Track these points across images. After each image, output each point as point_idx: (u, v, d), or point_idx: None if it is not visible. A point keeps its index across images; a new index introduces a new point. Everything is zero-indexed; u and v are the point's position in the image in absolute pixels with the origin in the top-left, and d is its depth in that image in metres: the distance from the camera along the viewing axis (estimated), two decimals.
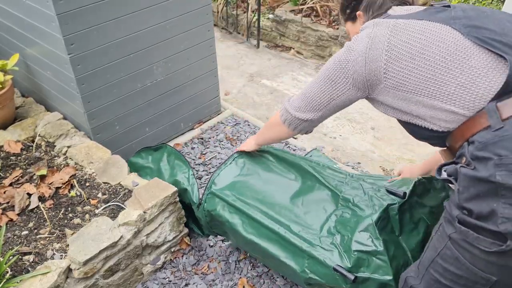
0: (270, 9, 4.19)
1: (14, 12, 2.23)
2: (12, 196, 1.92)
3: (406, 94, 1.15)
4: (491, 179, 0.93)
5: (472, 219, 0.99)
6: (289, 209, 1.68)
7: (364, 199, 1.61)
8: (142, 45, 2.29)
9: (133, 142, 2.53)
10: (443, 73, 1.08)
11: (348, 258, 1.44)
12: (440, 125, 1.13)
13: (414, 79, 1.12)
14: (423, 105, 1.13)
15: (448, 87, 1.07)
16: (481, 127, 1.01)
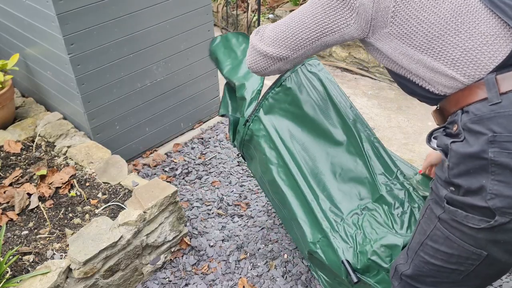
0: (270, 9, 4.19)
1: (14, 12, 2.23)
2: (12, 196, 1.92)
3: (409, 49, 1.06)
4: (483, 155, 0.92)
5: (460, 196, 0.99)
6: (325, 177, 1.56)
7: (404, 214, 1.48)
8: (142, 45, 2.29)
9: (133, 142, 2.53)
10: (452, 34, 1.01)
11: (360, 260, 1.42)
12: (438, 88, 1.07)
13: (421, 34, 1.03)
14: (424, 65, 1.06)
15: (454, 51, 1.01)
16: (478, 98, 0.98)
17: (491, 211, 0.94)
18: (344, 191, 1.55)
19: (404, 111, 3.01)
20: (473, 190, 0.96)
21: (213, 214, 2.24)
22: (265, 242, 2.10)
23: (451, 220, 1.03)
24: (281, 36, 1.20)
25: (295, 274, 1.96)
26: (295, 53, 1.22)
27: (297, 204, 1.56)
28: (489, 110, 0.94)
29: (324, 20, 1.12)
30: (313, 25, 1.14)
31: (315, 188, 1.54)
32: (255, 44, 1.25)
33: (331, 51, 3.77)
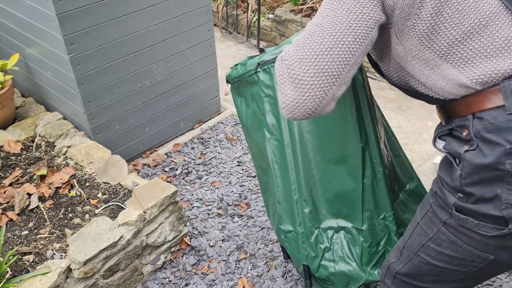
0: (270, 9, 4.19)
1: (14, 12, 2.23)
2: (12, 196, 1.92)
3: (427, 52, 0.97)
4: (499, 167, 0.88)
5: (470, 204, 0.96)
6: (317, 181, 1.47)
7: (376, 254, 1.47)
8: (142, 45, 2.29)
9: (133, 142, 2.53)
10: (474, 38, 0.94)
11: (320, 272, 1.42)
12: (446, 96, 1.01)
13: (442, 35, 0.95)
14: (439, 73, 0.98)
15: (475, 58, 0.94)
16: (493, 105, 0.91)
17: (504, 220, 0.92)
18: (330, 204, 1.49)
19: (404, 111, 3.01)
20: (486, 199, 0.93)
21: (213, 214, 2.24)
22: (265, 242, 2.10)
23: (459, 226, 1.00)
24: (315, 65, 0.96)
25: (295, 274, 1.96)
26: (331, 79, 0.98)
27: (281, 186, 1.49)
28: (507, 119, 0.89)
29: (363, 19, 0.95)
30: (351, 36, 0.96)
31: (303, 185, 1.47)
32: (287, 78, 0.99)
33: None
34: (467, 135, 0.95)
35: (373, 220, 1.49)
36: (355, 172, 1.48)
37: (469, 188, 0.95)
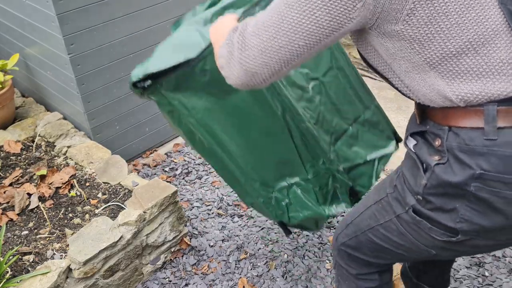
0: None
1: (14, 12, 2.23)
2: (12, 196, 1.92)
3: (416, 56, 0.90)
4: (465, 187, 0.90)
5: (427, 210, 0.98)
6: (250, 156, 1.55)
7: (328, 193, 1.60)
8: (142, 45, 2.29)
9: (133, 142, 2.53)
10: (470, 55, 0.87)
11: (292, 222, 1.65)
12: (426, 103, 0.97)
13: (436, 45, 0.88)
14: (424, 79, 0.93)
15: (466, 74, 0.89)
16: (472, 125, 0.89)
17: (456, 230, 0.95)
18: (274, 171, 1.60)
19: (404, 111, 3.01)
20: (444, 209, 0.95)
21: (213, 214, 2.24)
22: (265, 242, 2.10)
23: (412, 224, 1.04)
24: (271, 45, 0.90)
25: (295, 274, 1.96)
26: (288, 65, 0.93)
27: (227, 177, 1.60)
28: (483, 144, 0.87)
29: (325, 18, 0.86)
30: (313, 26, 0.87)
31: (244, 168, 1.55)
32: (238, 57, 0.93)
33: None
34: (440, 146, 0.93)
35: (315, 167, 1.60)
36: (283, 138, 1.55)
37: (431, 197, 0.96)
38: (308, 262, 2.01)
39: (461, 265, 1.98)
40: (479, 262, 1.99)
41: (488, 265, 1.97)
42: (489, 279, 1.91)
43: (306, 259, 2.02)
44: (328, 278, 1.94)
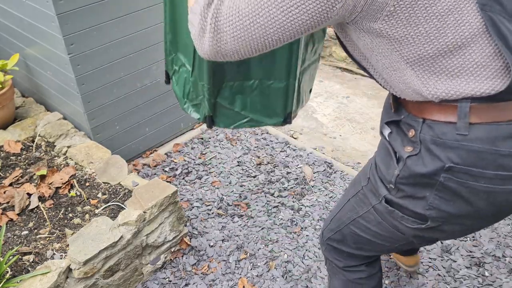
0: None
1: (14, 12, 2.23)
2: (12, 196, 1.92)
3: (394, 53, 0.92)
4: (434, 177, 0.96)
5: (399, 198, 1.05)
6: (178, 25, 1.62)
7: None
8: (142, 45, 2.29)
9: (133, 142, 2.53)
10: (446, 57, 0.90)
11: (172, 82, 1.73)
12: (402, 96, 1.00)
13: (414, 46, 0.89)
14: (400, 76, 0.95)
15: (441, 75, 0.92)
16: (445, 120, 0.93)
17: (425, 217, 1.03)
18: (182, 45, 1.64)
19: None
20: (414, 197, 1.02)
21: (213, 214, 2.24)
22: (265, 242, 2.10)
23: (386, 213, 1.12)
24: (244, 35, 0.88)
25: (295, 274, 1.96)
26: (258, 52, 0.93)
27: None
28: (454, 138, 0.92)
29: (303, 16, 0.85)
30: (289, 23, 0.86)
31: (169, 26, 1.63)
32: (210, 37, 0.90)
33: (331, 51, 3.77)
34: (413, 137, 0.98)
35: (196, 79, 1.65)
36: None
37: (402, 186, 1.03)
38: (308, 262, 2.01)
39: (461, 265, 1.98)
40: (479, 262, 1.99)
41: (488, 265, 1.97)
42: (489, 279, 1.92)
43: (306, 259, 2.02)
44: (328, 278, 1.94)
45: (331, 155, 2.68)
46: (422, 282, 1.91)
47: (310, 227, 2.17)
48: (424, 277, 1.93)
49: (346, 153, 2.72)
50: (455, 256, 2.02)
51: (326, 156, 2.65)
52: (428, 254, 2.02)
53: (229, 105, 1.74)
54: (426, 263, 1.99)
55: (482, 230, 2.13)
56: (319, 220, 2.21)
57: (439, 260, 2.00)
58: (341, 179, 2.46)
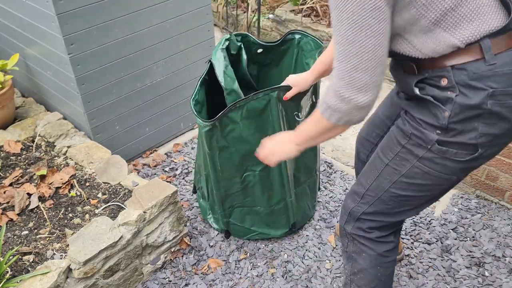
0: (270, 9, 4.19)
1: (14, 12, 2.23)
2: (12, 196, 1.92)
3: (423, 20, 1.08)
4: (482, 106, 1.10)
5: (450, 137, 1.16)
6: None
7: None
8: (142, 45, 2.29)
9: (133, 142, 2.53)
10: (463, 6, 1.07)
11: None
12: (430, 55, 1.13)
13: (439, 5, 1.06)
14: (432, 36, 1.11)
15: (463, 22, 1.09)
16: (473, 58, 1.09)
17: (476, 147, 1.16)
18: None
19: None
20: (465, 131, 1.14)
21: None
22: (265, 242, 2.10)
23: (436, 157, 1.20)
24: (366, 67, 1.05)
25: (295, 274, 1.96)
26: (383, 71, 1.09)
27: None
28: (487, 69, 1.08)
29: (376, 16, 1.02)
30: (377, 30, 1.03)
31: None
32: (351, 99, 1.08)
33: None
34: (447, 84, 1.12)
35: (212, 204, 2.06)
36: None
37: (455, 125, 1.14)
38: (308, 262, 2.01)
39: (461, 265, 1.98)
40: (479, 262, 1.99)
41: (488, 265, 1.97)
42: (489, 279, 1.92)
43: (306, 259, 2.02)
44: (328, 278, 1.94)
45: (331, 155, 2.68)
46: (422, 282, 1.91)
47: (310, 227, 2.17)
48: (424, 277, 1.93)
49: (346, 153, 2.72)
50: (455, 256, 2.02)
51: (326, 156, 2.65)
52: (428, 254, 2.02)
53: (240, 223, 2.02)
54: (426, 263, 1.99)
55: (482, 230, 2.13)
56: (319, 220, 2.21)
57: (439, 260, 2.00)
58: (341, 179, 2.46)
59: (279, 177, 1.85)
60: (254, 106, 1.65)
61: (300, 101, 1.76)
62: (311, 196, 2.12)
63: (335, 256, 2.04)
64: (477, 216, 2.21)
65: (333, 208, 2.28)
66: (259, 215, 1.98)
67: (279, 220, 2.02)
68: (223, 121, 1.68)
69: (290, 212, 2.00)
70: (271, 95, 1.65)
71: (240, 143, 1.73)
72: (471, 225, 2.17)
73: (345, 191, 2.38)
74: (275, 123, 1.71)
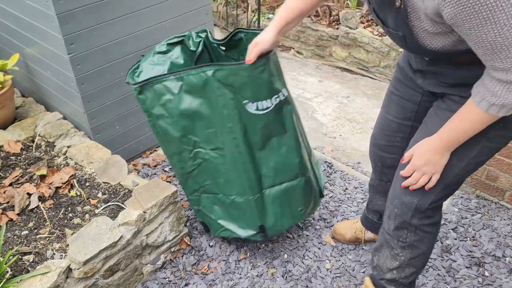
0: (270, 9, 4.19)
1: (14, 12, 2.23)
2: (12, 196, 1.92)
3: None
4: None
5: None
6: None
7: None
8: (142, 45, 2.29)
9: (133, 142, 2.53)
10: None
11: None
12: None
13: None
14: None
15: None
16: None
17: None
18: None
19: None
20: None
21: None
22: (265, 242, 2.10)
23: (503, 129, 1.25)
24: None
25: (295, 274, 1.96)
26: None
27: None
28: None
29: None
30: None
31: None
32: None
33: (331, 51, 3.77)
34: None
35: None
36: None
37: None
38: (308, 262, 2.01)
39: (461, 265, 1.98)
40: (479, 262, 1.99)
41: (488, 265, 1.97)
42: (489, 279, 1.92)
43: (306, 259, 2.02)
44: (328, 278, 1.94)
45: (331, 155, 2.68)
46: (422, 282, 1.91)
47: (310, 227, 2.17)
48: (424, 277, 1.93)
49: (346, 153, 2.72)
50: (455, 256, 2.02)
51: (326, 156, 2.65)
52: None
53: (209, 213, 1.95)
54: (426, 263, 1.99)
55: (482, 230, 2.13)
56: (319, 220, 2.21)
57: (439, 260, 2.00)
58: (341, 179, 2.46)
59: (233, 164, 1.73)
60: (191, 81, 1.59)
61: (254, 85, 1.57)
62: (296, 203, 1.87)
63: (335, 256, 2.04)
64: (477, 216, 2.21)
65: (333, 208, 2.28)
66: (224, 206, 1.87)
67: (243, 217, 1.86)
68: (157, 88, 1.64)
69: (254, 211, 1.81)
70: (207, 73, 1.55)
71: (180, 116, 1.67)
72: (471, 225, 2.17)
73: (345, 191, 2.38)
74: (215, 107, 1.61)
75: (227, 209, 1.88)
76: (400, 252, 1.57)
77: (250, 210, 1.82)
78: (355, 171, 2.55)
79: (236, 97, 1.58)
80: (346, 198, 2.34)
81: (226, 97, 1.58)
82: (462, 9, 0.99)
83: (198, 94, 1.62)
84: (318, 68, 3.74)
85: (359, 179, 2.46)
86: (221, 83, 1.56)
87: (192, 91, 1.62)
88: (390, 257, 1.60)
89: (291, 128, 1.72)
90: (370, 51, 3.51)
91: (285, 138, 1.72)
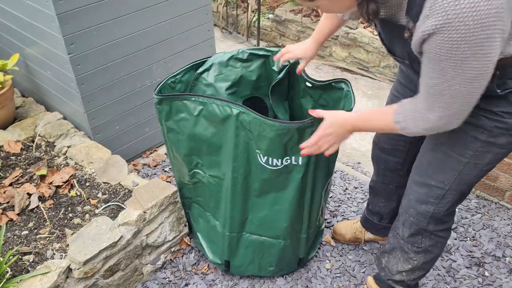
0: (270, 9, 4.19)
1: (14, 12, 2.23)
2: (12, 196, 1.92)
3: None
4: None
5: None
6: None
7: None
8: (142, 45, 2.29)
9: (133, 142, 2.53)
10: None
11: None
12: (510, 53, 1.11)
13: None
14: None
15: None
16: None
17: None
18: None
19: None
20: None
21: None
22: None
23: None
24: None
25: (295, 274, 1.96)
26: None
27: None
28: None
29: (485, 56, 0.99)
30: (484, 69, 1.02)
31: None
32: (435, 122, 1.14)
33: (331, 51, 3.77)
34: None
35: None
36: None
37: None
38: (308, 262, 2.01)
39: (461, 265, 1.98)
40: (479, 262, 1.99)
41: (488, 265, 1.97)
42: (489, 279, 1.92)
43: None
44: (328, 278, 1.94)
45: None
46: (422, 282, 1.91)
47: None
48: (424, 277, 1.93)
49: (346, 153, 2.72)
50: (455, 256, 2.02)
51: None
52: None
53: (194, 222, 1.98)
54: None
55: (482, 230, 2.13)
56: None
57: (439, 260, 2.00)
58: (341, 179, 2.46)
59: (225, 198, 1.72)
60: (213, 111, 1.55)
61: (270, 143, 1.52)
62: (268, 259, 1.86)
63: (335, 256, 2.04)
64: (477, 216, 2.21)
65: (333, 208, 2.28)
66: (207, 224, 1.89)
67: (216, 244, 1.89)
68: (174, 104, 1.63)
69: (225, 246, 1.84)
70: (232, 110, 1.52)
71: (191, 137, 1.65)
72: (471, 225, 2.17)
73: (345, 191, 2.38)
74: (228, 142, 1.59)
75: (208, 228, 1.91)
76: (414, 257, 1.58)
77: (222, 243, 1.84)
78: (355, 171, 2.55)
79: (251, 143, 1.56)
80: (346, 198, 2.34)
81: (241, 139, 1.56)
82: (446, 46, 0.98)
83: (215, 124, 1.59)
84: (318, 68, 3.74)
85: (359, 179, 2.46)
86: (242, 125, 1.54)
87: (210, 119, 1.59)
88: (403, 260, 1.61)
89: (292, 192, 1.65)
90: (370, 51, 3.51)
91: (282, 199, 1.67)
